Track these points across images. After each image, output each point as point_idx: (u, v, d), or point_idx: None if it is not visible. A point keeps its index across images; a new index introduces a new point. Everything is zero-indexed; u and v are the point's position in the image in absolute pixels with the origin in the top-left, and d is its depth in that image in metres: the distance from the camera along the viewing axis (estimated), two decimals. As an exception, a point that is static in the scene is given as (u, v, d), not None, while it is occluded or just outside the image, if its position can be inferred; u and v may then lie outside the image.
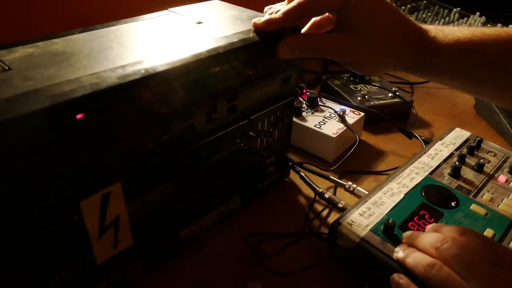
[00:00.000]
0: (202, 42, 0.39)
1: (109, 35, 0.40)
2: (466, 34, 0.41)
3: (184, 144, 0.40)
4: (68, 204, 0.32)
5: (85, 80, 0.31)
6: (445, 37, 0.41)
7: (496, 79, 0.42)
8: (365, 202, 0.48)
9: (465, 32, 0.41)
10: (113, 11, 0.67)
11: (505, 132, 0.72)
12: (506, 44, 0.40)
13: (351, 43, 0.40)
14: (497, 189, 0.52)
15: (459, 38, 0.41)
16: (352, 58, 0.42)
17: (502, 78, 0.41)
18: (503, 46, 0.40)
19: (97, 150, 0.32)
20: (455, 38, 0.41)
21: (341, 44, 0.41)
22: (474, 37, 0.41)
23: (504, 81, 0.42)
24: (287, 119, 0.52)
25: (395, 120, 0.71)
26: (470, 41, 0.41)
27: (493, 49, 0.40)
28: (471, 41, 0.41)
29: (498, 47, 0.40)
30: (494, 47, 0.40)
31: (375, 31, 0.40)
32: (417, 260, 0.38)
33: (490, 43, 0.40)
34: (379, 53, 0.41)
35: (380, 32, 0.40)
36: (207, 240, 0.48)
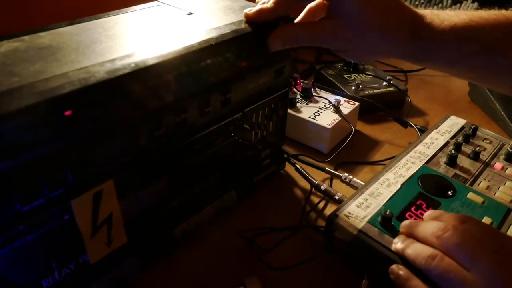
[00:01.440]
0: (193, 34, 0.38)
1: (97, 28, 0.39)
2: (463, 19, 0.40)
3: (177, 139, 0.39)
4: (58, 203, 0.31)
5: (72, 75, 0.30)
6: (441, 23, 0.40)
7: (493, 64, 0.41)
8: (362, 193, 0.47)
9: (462, 17, 0.40)
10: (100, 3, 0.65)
11: (500, 119, 0.72)
12: (504, 28, 0.40)
13: (343, 30, 0.39)
14: (494, 176, 0.52)
15: (455, 24, 0.40)
16: (345, 45, 0.41)
17: (499, 63, 0.41)
18: (501, 30, 0.40)
19: (87, 148, 0.31)
20: (451, 23, 0.40)
21: (333, 32, 0.40)
22: (471, 22, 0.40)
23: (502, 66, 0.41)
24: (281, 111, 0.51)
25: (390, 109, 0.71)
26: (468, 26, 0.40)
27: (490, 34, 0.40)
28: (469, 26, 0.40)
29: (496, 32, 0.40)
30: (491, 32, 0.40)
31: (367, 17, 0.39)
32: (417, 251, 0.37)
33: (487, 28, 0.40)
34: (372, 39, 0.40)
35: (372, 18, 0.39)
36: (203, 235, 0.47)
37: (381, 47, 0.41)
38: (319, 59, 0.86)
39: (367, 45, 0.41)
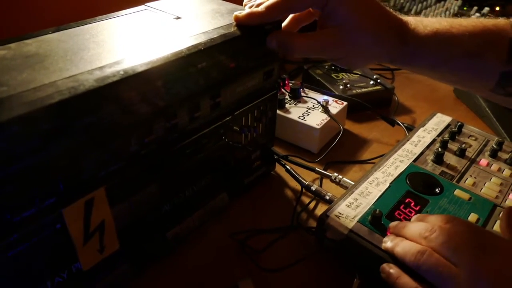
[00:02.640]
0: (181, 39, 0.38)
1: (84, 34, 0.39)
2: (445, 26, 0.42)
3: (167, 144, 0.39)
4: (50, 212, 0.31)
5: (61, 84, 0.29)
6: (425, 29, 0.42)
7: (473, 68, 0.43)
8: (352, 193, 0.48)
9: (444, 23, 0.42)
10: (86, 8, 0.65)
11: (485, 115, 0.73)
12: (482, 35, 0.42)
13: (338, 39, 0.40)
14: (479, 173, 0.53)
15: (438, 30, 0.42)
16: (339, 54, 0.42)
17: (479, 67, 0.43)
18: (480, 37, 0.42)
19: (78, 156, 0.31)
20: (434, 29, 0.42)
21: (327, 42, 0.41)
22: (452, 28, 0.42)
23: (481, 69, 0.43)
24: (270, 112, 0.51)
25: (377, 107, 0.72)
26: (449, 33, 0.42)
27: (470, 41, 0.41)
28: (450, 32, 0.42)
29: (475, 38, 0.41)
30: (470, 38, 0.41)
31: (360, 26, 0.40)
32: (406, 248, 0.38)
33: (467, 35, 0.41)
34: (365, 47, 0.41)
35: (365, 26, 0.40)
36: (196, 238, 0.47)
37: (374, 53, 0.42)
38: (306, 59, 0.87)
39: (361, 52, 0.42)
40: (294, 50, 0.41)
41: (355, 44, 0.41)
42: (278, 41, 0.41)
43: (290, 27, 0.46)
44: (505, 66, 0.41)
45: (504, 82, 0.42)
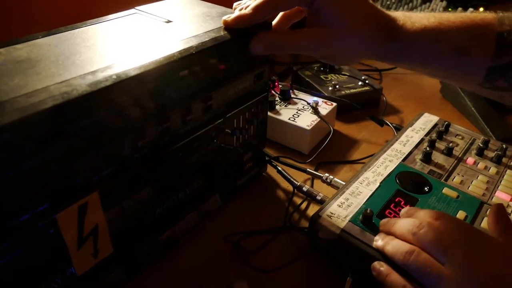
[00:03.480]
0: (173, 43, 0.38)
1: (75, 38, 0.38)
2: (433, 22, 0.42)
3: (160, 147, 0.39)
4: (43, 218, 0.31)
5: (54, 89, 0.29)
6: (413, 25, 0.42)
7: (461, 64, 0.43)
8: (343, 193, 0.49)
9: (431, 20, 0.42)
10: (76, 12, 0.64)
11: (470, 114, 0.75)
12: (469, 30, 0.42)
13: (326, 37, 0.40)
14: (467, 171, 0.54)
15: (426, 26, 0.42)
16: (328, 52, 0.42)
17: (467, 63, 0.43)
18: (467, 32, 0.42)
19: (71, 161, 0.31)
20: (422, 25, 0.42)
21: (316, 40, 0.41)
22: (440, 24, 0.42)
23: (469, 65, 0.43)
24: (262, 114, 0.52)
25: (366, 108, 0.73)
26: (437, 29, 0.42)
27: (458, 36, 0.41)
28: (438, 28, 0.42)
29: (463, 33, 0.42)
30: (458, 34, 0.41)
31: (349, 23, 0.40)
32: (395, 247, 0.39)
33: (455, 30, 0.41)
34: (354, 44, 0.41)
35: (353, 24, 0.40)
36: (189, 241, 0.47)
37: (362, 50, 0.42)
38: (295, 60, 0.88)
39: (350, 49, 0.42)
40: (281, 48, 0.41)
41: (343, 42, 0.41)
42: (264, 42, 0.41)
43: (281, 25, 0.46)
44: (492, 61, 0.41)
45: (492, 77, 0.42)
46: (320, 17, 0.40)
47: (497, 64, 0.41)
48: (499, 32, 0.41)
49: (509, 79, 0.42)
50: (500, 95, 0.44)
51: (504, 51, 0.40)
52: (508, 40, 0.40)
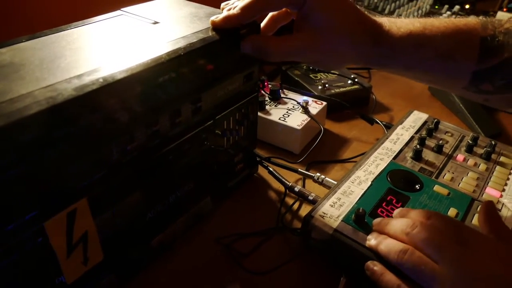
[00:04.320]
0: (160, 44, 0.37)
1: (60, 41, 0.38)
2: (418, 27, 0.43)
3: (150, 151, 0.38)
4: (31, 227, 0.30)
5: (39, 94, 0.29)
6: (398, 30, 0.42)
7: (446, 68, 0.44)
8: (335, 192, 0.48)
9: (417, 25, 0.43)
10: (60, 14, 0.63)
11: (459, 111, 0.75)
12: (454, 35, 0.42)
13: (313, 43, 0.41)
14: (457, 168, 0.55)
15: (411, 31, 0.42)
16: (315, 57, 0.42)
17: (451, 68, 0.44)
18: (452, 37, 0.42)
19: (58, 168, 0.30)
20: (407, 31, 0.42)
21: (303, 45, 0.41)
22: (425, 30, 0.42)
23: (454, 70, 0.44)
24: (252, 115, 0.52)
25: (356, 106, 0.73)
26: (422, 34, 0.42)
27: (442, 41, 0.42)
28: (423, 34, 0.42)
29: (447, 39, 0.42)
30: (443, 39, 0.42)
31: (337, 28, 0.40)
32: (389, 246, 0.39)
33: (439, 35, 0.42)
34: (341, 49, 0.41)
35: (341, 29, 0.40)
36: (181, 244, 0.47)
37: (349, 55, 0.43)
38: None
39: (338, 53, 0.42)
40: (270, 55, 0.41)
41: (331, 47, 0.41)
42: (253, 46, 0.41)
43: (268, 27, 0.46)
44: (476, 65, 0.42)
45: (477, 81, 0.43)
46: (309, 21, 0.40)
47: (481, 68, 0.42)
48: (482, 37, 0.42)
49: (494, 82, 0.42)
50: (485, 98, 0.45)
51: (488, 55, 0.41)
52: (491, 44, 0.41)
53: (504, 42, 0.41)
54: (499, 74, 0.42)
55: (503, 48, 0.41)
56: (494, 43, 0.41)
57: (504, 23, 0.42)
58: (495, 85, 0.42)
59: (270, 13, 0.46)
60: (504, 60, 0.41)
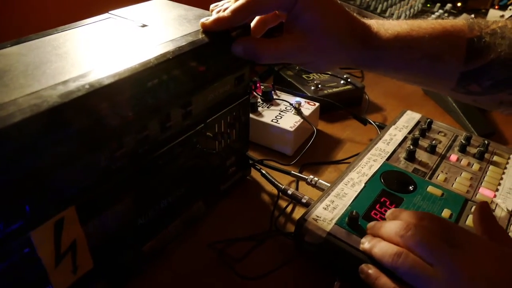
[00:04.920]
0: (149, 48, 0.37)
1: (45, 46, 0.37)
2: (405, 29, 0.43)
3: (139, 156, 0.38)
4: (17, 237, 0.30)
5: (23, 101, 0.28)
6: (386, 32, 0.42)
7: (434, 70, 0.44)
8: (328, 195, 0.48)
9: (404, 26, 0.43)
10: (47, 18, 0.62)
11: (452, 110, 0.75)
12: (441, 36, 0.42)
13: (303, 45, 0.40)
14: (450, 168, 0.54)
15: (398, 33, 0.42)
16: (305, 58, 0.42)
17: (439, 69, 0.44)
18: (439, 38, 0.42)
19: (45, 176, 0.30)
20: (395, 33, 0.42)
21: (293, 47, 0.41)
22: (412, 31, 0.42)
23: (442, 71, 0.44)
24: (244, 117, 0.51)
25: (349, 107, 0.73)
26: (409, 36, 0.42)
27: (429, 42, 0.42)
28: (410, 35, 0.42)
29: (434, 40, 0.42)
30: (430, 40, 0.42)
31: (327, 30, 0.40)
32: (383, 250, 0.38)
33: (426, 37, 0.42)
34: (331, 51, 0.41)
35: (331, 31, 0.40)
36: (173, 250, 0.46)
37: (339, 57, 0.43)
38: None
39: (328, 55, 0.42)
40: (261, 57, 0.41)
41: (320, 49, 0.41)
42: (245, 48, 0.41)
43: (257, 29, 0.46)
44: (464, 66, 0.42)
45: (465, 82, 0.43)
46: (298, 23, 0.40)
47: (469, 69, 0.42)
48: (469, 38, 0.42)
49: (481, 83, 0.42)
50: (473, 99, 0.45)
51: (475, 56, 0.41)
52: (478, 45, 0.41)
53: (490, 43, 0.41)
54: (486, 75, 0.42)
55: (489, 49, 0.41)
56: (480, 44, 0.41)
57: (490, 24, 0.42)
58: (483, 86, 0.42)
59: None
60: (490, 61, 0.41)
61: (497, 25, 0.42)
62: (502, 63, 0.41)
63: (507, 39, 0.41)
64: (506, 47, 0.40)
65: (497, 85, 0.42)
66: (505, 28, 0.42)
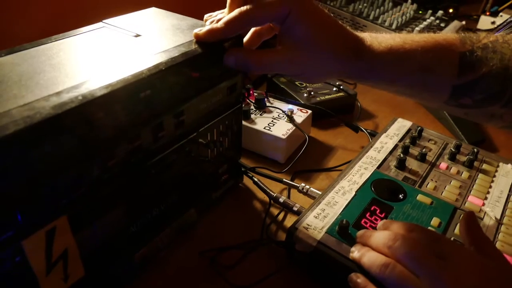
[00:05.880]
0: (142, 59, 0.37)
1: (39, 56, 0.37)
2: (398, 42, 0.43)
3: (132, 166, 0.38)
4: (8, 246, 0.30)
5: (16, 113, 0.28)
6: (379, 45, 0.43)
7: (427, 83, 0.44)
8: (319, 203, 0.49)
9: (397, 40, 0.43)
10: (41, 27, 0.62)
11: (443, 117, 0.76)
12: (433, 50, 0.43)
13: (295, 56, 0.41)
14: (440, 176, 0.55)
15: (392, 46, 0.43)
16: (298, 70, 0.42)
17: (432, 82, 0.44)
18: (431, 52, 0.43)
19: (37, 186, 0.30)
20: (388, 46, 0.43)
21: (285, 59, 0.41)
22: (405, 44, 0.43)
23: (434, 84, 0.44)
24: (236, 126, 0.51)
25: (341, 114, 0.73)
26: (402, 49, 0.43)
27: (422, 56, 0.43)
28: (403, 48, 0.43)
29: (427, 53, 0.43)
30: (423, 54, 0.43)
31: (319, 42, 0.40)
32: (371, 260, 0.39)
33: (419, 50, 0.43)
34: (324, 63, 0.41)
35: (323, 43, 0.40)
36: (165, 258, 0.46)
37: (332, 69, 0.43)
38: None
39: (320, 67, 0.42)
40: (252, 68, 0.41)
41: (312, 61, 0.41)
42: (236, 59, 0.41)
43: (252, 41, 0.46)
44: (456, 80, 0.43)
45: (457, 95, 0.43)
46: (291, 35, 0.40)
47: (461, 83, 0.42)
48: (461, 52, 0.42)
49: (473, 96, 0.43)
50: (465, 112, 0.45)
51: (467, 70, 0.42)
52: (470, 59, 0.42)
53: (482, 57, 0.42)
54: (478, 88, 0.42)
55: (481, 63, 0.41)
56: (472, 58, 0.42)
57: (482, 38, 0.43)
58: (474, 99, 0.43)
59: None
60: (482, 75, 0.42)
61: (489, 40, 0.43)
62: (493, 77, 0.41)
63: (499, 53, 0.41)
64: (497, 61, 0.41)
65: (489, 98, 0.42)
66: (496, 42, 0.42)
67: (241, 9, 0.39)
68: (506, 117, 0.44)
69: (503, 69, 0.41)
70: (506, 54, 0.41)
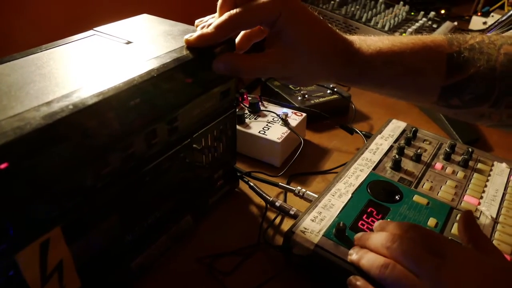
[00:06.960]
0: (133, 66, 0.37)
1: (29, 65, 0.37)
2: (387, 45, 0.43)
3: (125, 174, 0.38)
4: (1, 260, 0.29)
5: (6, 124, 0.28)
6: (368, 48, 0.43)
7: (416, 84, 0.44)
8: (316, 206, 0.48)
9: (386, 42, 0.43)
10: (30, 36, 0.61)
11: (437, 118, 0.76)
12: (421, 52, 0.43)
13: (284, 60, 0.40)
14: (435, 177, 0.55)
15: (380, 49, 0.43)
16: (287, 74, 0.42)
17: (421, 83, 0.44)
18: (419, 54, 0.43)
19: (29, 198, 0.29)
20: (377, 48, 0.43)
21: (279, 61, 0.41)
22: (394, 47, 0.43)
23: (423, 86, 0.44)
24: (230, 131, 0.51)
25: (335, 116, 0.73)
26: (391, 51, 0.43)
27: (410, 57, 0.43)
28: (392, 51, 0.43)
29: (415, 55, 0.43)
30: (411, 55, 0.43)
31: (308, 45, 0.40)
32: (371, 261, 0.39)
33: (408, 52, 0.43)
34: (313, 66, 0.41)
35: (313, 46, 0.40)
36: (162, 265, 0.46)
37: (321, 72, 0.43)
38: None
39: (310, 71, 0.42)
40: (242, 72, 0.41)
41: (302, 64, 0.41)
42: (226, 64, 0.41)
43: (242, 44, 0.46)
44: (444, 81, 0.43)
45: (446, 96, 0.44)
46: (281, 38, 0.40)
47: (449, 84, 0.43)
48: (449, 53, 0.42)
49: (461, 97, 0.43)
50: (454, 112, 0.45)
51: (455, 71, 0.42)
52: (457, 60, 0.42)
53: (469, 58, 0.42)
54: (466, 89, 0.42)
55: (468, 64, 0.42)
56: (460, 59, 0.42)
57: (469, 39, 0.43)
58: (463, 100, 0.43)
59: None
60: (470, 76, 0.42)
61: (475, 40, 0.43)
62: (481, 77, 0.42)
63: (485, 54, 0.42)
64: (484, 61, 0.41)
65: (477, 99, 0.43)
66: (483, 43, 0.42)
67: (231, 13, 0.39)
68: (494, 117, 0.44)
69: (490, 69, 0.41)
70: (492, 55, 0.42)
